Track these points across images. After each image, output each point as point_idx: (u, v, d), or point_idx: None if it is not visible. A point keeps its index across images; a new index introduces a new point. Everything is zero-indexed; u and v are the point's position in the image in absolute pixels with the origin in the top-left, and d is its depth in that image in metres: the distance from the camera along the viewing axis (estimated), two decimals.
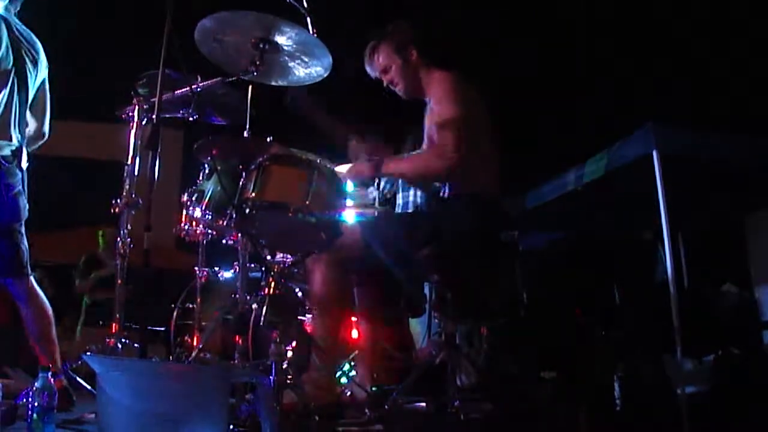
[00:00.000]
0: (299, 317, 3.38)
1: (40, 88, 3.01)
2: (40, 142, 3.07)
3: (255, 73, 2.66)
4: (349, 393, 2.93)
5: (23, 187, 2.86)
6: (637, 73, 6.41)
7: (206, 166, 3.11)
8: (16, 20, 2.92)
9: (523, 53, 6.57)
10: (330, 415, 2.45)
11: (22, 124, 2.89)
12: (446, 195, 2.85)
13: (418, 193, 3.03)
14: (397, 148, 3.19)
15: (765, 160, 4.43)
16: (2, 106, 2.79)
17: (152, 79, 3.01)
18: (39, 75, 2.97)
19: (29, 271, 2.86)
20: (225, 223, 2.97)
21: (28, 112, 2.95)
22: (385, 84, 2.96)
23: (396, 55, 2.90)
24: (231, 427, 2.19)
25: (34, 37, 2.97)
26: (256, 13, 2.49)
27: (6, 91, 2.81)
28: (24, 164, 2.88)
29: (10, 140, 2.81)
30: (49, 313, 2.90)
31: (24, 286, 2.84)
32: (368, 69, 2.98)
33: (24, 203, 2.85)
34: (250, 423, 2.25)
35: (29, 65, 2.91)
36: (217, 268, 3.80)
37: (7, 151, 2.78)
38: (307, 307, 3.39)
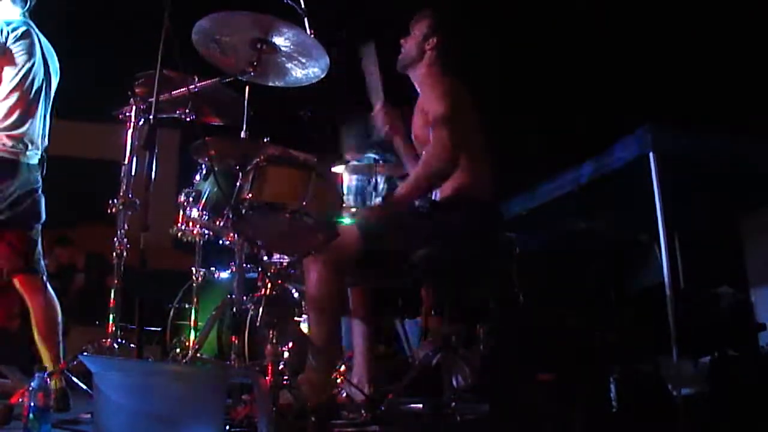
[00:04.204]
0: (295, 318, 3.38)
1: None
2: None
3: (252, 74, 2.67)
4: (345, 394, 2.93)
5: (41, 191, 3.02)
6: (635, 74, 6.42)
7: (203, 166, 3.11)
8: (36, 28, 3.00)
9: (521, 54, 6.57)
10: (326, 416, 2.45)
11: (46, 133, 3.05)
12: (441, 197, 2.85)
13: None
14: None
15: (761, 161, 4.44)
16: (38, 117, 2.97)
17: (150, 79, 3.02)
18: (56, 84, 3.09)
19: (42, 270, 2.96)
20: (222, 224, 2.97)
21: None
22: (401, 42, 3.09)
23: (424, 30, 3.01)
24: (227, 427, 2.19)
25: (50, 45, 3.05)
26: (254, 13, 2.49)
27: (40, 105, 2.99)
28: (43, 171, 3.05)
29: (38, 149, 2.99)
30: (58, 313, 2.95)
31: (35, 284, 2.93)
32: (411, 23, 3.11)
33: (43, 206, 3.02)
34: (246, 423, 2.26)
35: (53, 75, 3.08)
36: (213, 269, 3.80)
37: (35, 160, 2.98)
38: (303, 308, 3.39)
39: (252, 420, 2.24)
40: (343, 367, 3.27)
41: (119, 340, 3.00)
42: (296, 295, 3.48)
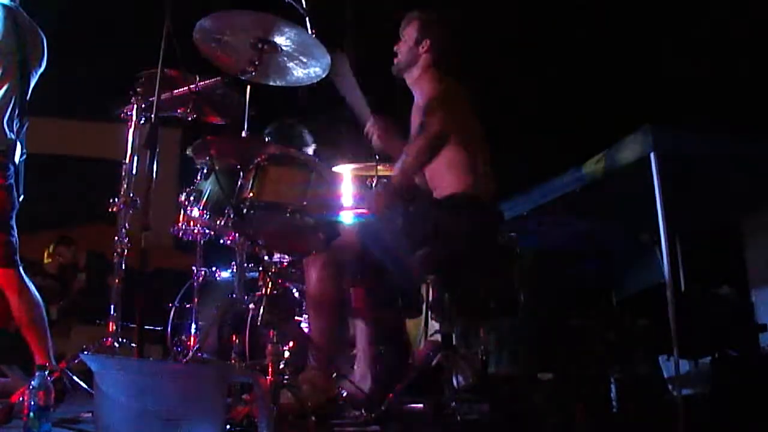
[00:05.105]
0: (296, 317, 3.38)
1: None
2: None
3: (254, 73, 2.67)
4: (345, 393, 2.93)
5: (14, 180, 2.86)
6: (636, 74, 6.42)
7: (204, 165, 3.10)
8: (22, 11, 2.92)
9: (522, 54, 6.58)
10: (327, 416, 2.45)
11: (20, 118, 2.90)
12: (442, 196, 2.85)
13: None
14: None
15: (762, 162, 4.44)
16: (2, 103, 2.80)
17: (151, 78, 3.01)
18: (40, 69, 2.99)
19: (18, 263, 2.87)
20: (223, 223, 2.97)
21: None
22: (395, 48, 3.05)
23: (416, 34, 2.99)
24: (228, 426, 2.19)
25: (39, 30, 2.98)
26: (255, 13, 2.49)
27: (9, 86, 2.82)
28: (17, 158, 2.88)
29: (5, 136, 2.82)
30: (40, 305, 2.91)
31: (12, 277, 2.86)
32: (400, 28, 3.09)
33: (14, 197, 2.85)
34: (246, 423, 2.26)
35: (33, 59, 2.93)
36: (214, 268, 3.80)
37: (2, 146, 2.80)
38: (303, 308, 3.39)
39: (252, 419, 2.24)
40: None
41: (120, 339, 3.00)
42: (297, 294, 3.48)
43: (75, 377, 2.89)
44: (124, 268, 3.06)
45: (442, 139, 2.76)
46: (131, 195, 3.08)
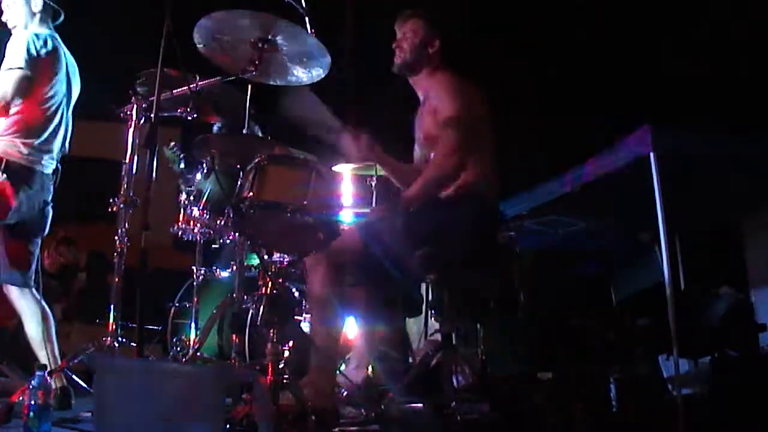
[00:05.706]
0: (296, 317, 3.38)
1: None
2: None
3: (254, 73, 2.67)
4: (345, 393, 2.93)
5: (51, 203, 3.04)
6: (636, 74, 6.42)
7: (204, 165, 3.11)
8: (60, 40, 3.03)
9: (522, 54, 6.58)
10: (327, 416, 2.45)
11: (65, 143, 3.08)
12: (442, 195, 2.85)
13: None
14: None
15: (762, 162, 4.44)
16: (54, 130, 2.99)
17: (151, 77, 3.02)
18: (76, 95, 3.18)
19: (32, 283, 2.94)
20: (223, 223, 2.97)
21: None
22: (393, 45, 2.98)
23: (422, 32, 2.93)
24: (228, 426, 2.19)
25: (71, 56, 3.09)
26: (256, 12, 2.50)
27: (59, 116, 3.01)
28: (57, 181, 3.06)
29: (54, 159, 3.00)
30: (50, 319, 2.96)
31: (28, 296, 2.92)
32: (396, 24, 3.02)
33: (49, 220, 3.02)
34: (246, 423, 2.26)
35: (74, 86, 3.13)
36: (214, 268, 3.80)
37: (50, 169, 2.99)
38: (304, 307, 3.40)
39: (252, 419, 2.24)
40: (344, 366, 3.28)
41: (120, 338, 3.00)
42: (297, 294, 3.49)
43: (75, 377, 2.89)
44: (124, 267, 3.06)
45: (459, 166, 2.71)
46: (131, 195, 3.08)
